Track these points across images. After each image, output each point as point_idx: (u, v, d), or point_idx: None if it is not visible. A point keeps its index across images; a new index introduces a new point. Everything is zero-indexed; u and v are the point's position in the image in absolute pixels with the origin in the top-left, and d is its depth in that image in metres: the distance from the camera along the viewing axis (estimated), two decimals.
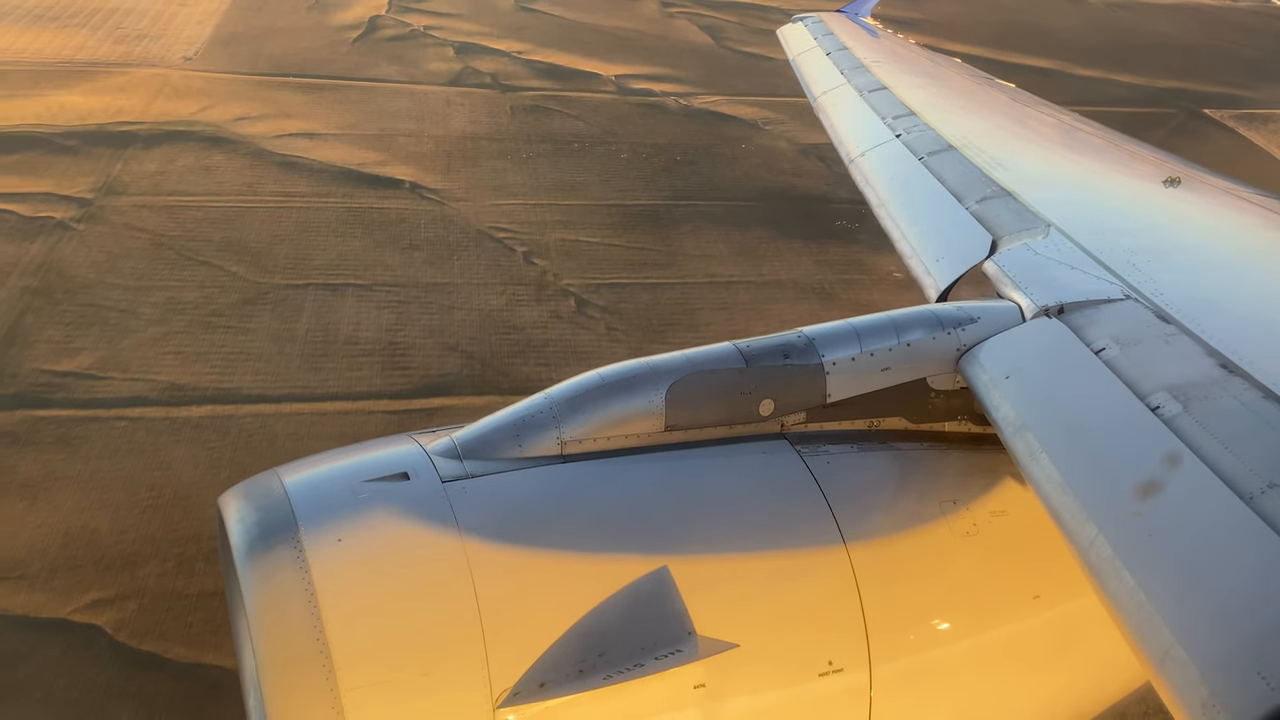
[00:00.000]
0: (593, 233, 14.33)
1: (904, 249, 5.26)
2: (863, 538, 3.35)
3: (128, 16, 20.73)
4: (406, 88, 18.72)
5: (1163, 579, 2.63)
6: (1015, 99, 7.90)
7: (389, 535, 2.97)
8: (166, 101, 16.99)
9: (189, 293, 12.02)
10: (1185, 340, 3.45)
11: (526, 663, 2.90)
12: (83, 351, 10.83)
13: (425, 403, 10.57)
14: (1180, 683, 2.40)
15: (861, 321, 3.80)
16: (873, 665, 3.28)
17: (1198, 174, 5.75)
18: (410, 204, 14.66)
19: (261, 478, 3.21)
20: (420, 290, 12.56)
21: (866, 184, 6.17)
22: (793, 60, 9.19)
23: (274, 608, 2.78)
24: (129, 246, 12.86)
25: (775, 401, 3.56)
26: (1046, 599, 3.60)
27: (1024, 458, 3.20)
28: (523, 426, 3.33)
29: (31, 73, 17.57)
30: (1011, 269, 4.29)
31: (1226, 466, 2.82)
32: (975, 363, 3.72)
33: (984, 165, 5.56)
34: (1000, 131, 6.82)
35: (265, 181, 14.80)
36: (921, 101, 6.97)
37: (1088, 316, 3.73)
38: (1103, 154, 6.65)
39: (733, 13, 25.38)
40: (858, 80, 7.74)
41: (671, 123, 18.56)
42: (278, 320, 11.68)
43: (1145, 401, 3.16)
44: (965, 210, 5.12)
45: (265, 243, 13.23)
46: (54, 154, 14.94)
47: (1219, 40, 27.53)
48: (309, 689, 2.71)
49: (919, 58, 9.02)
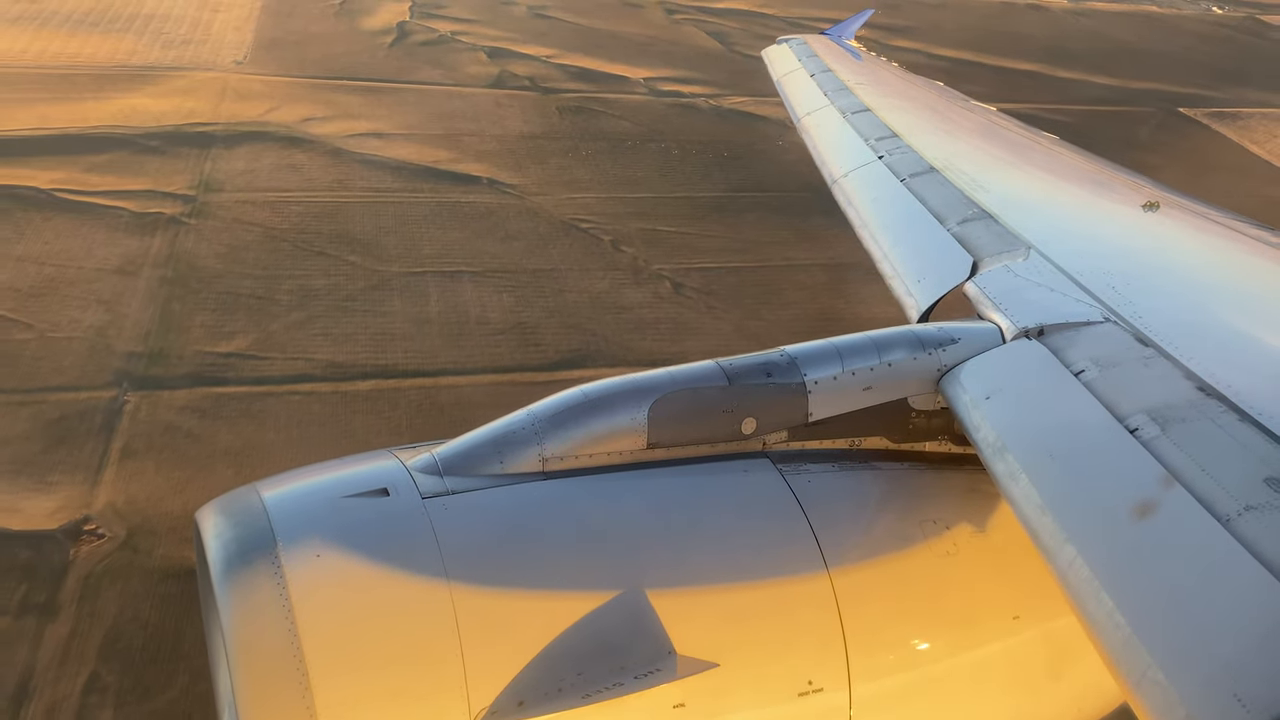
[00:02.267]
0: (667, 223, 15.40)
1: (886, 270, 5.27)
2: (843, 557, 3.34)
3: (166, 22, 21.11)
4: (455, 90, 19.54)
5: (1141, 601, 2.64)
6: (996, 122, 8.06)
7: (368, 552, 2.94)
8: (233, 103, 17.55)
9: (317, 281, 12.76)
10: (1164, 363, 3.48)
11: (505, 681, 2.88)
12: (237, 335, 11.52)
13: (566, 374, 11.50)
14: (1158, 704, 2.41)
15: (843, 341, 3.82)
16: (852, 685, 3.27)
17: (1176, 199, 5.83)
18: (493, 198, 15.54)
19: (240, 493, 3.18)
20: (529, 276, 13.48)
21: (849, 205, 6.20)
22: (777, 81, 9.28)
23: (251, 624, 2.76)
24: (244, 239, 13.52)
25: (757, 420, 3.56)
26: (1026, 619, 3.61)
27: (1004, 478, 3.20)
28: (504, 443, 3.31)
29: (94, 76, 17.95)
30: (992, 290, 4.31)
31: (1204, 489, 2.83)
32: (956, 383, 3.73)
33: (965, 187, 5.61)
34: (981, 154, 6.92)
35: (352, 178, 15.54)
36: (904, 124, 7.03)
37: (1067, 338, 3.75)
38: (1083, 177, 6.75)
39: (735, 19, 26.68)
40: (841, 102, 7.77)
41: (708, 122, 19.72)
42: (408, 304, 12.50)
43: (1124, 423, 3.18)
44: (946, 232, 5.14)
45: (372, 234, 14.00)
46: (142, 154, 15.45)
47: (1175, 45, 29.74)
48: (285, 707, 2.70)
49: (902, 80, 9.17)
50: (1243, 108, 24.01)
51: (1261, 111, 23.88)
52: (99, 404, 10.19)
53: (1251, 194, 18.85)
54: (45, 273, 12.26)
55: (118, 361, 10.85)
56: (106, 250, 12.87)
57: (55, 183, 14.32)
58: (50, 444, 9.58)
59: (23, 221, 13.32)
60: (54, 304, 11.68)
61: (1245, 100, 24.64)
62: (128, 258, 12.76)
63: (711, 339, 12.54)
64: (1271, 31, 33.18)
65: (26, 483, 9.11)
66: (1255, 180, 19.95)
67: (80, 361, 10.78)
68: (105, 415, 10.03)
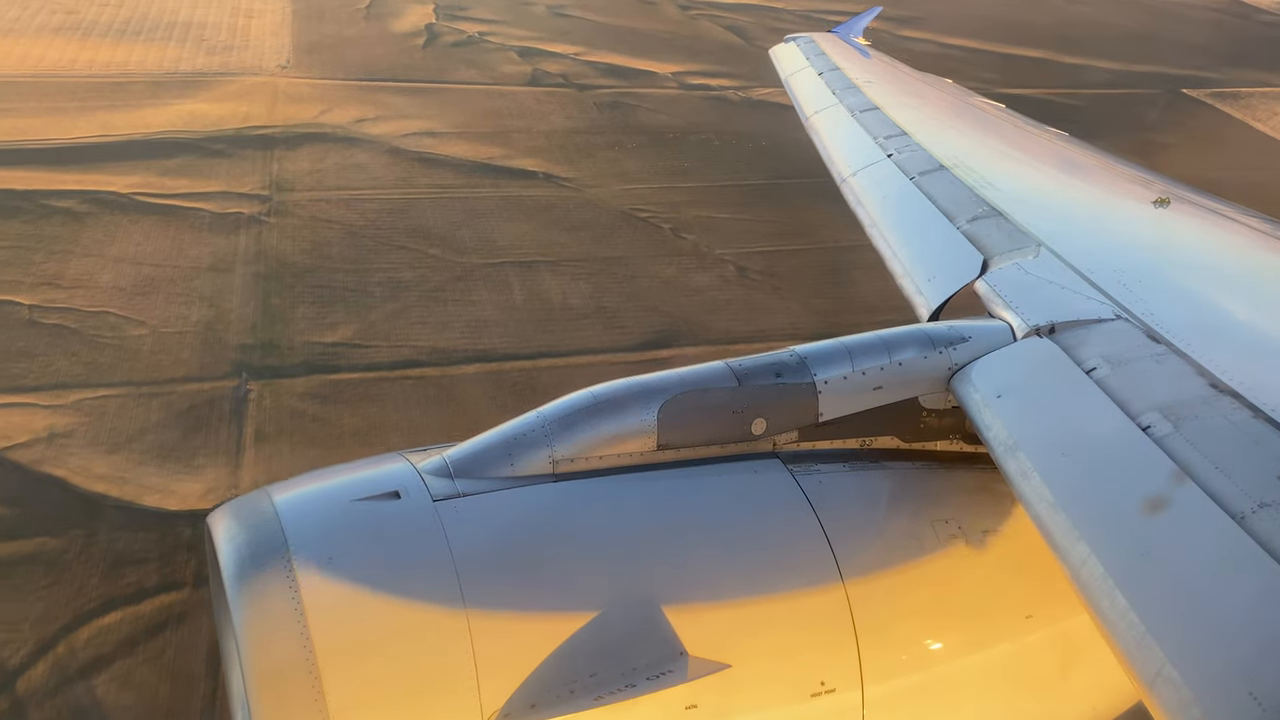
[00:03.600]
0: (721, 210, 16.04)
1: (896, 268, 5.24)
2: (855, 557, 3.33)
3: (204, 29, 21.53)
4: (494, 89, 20.09)
5: (1155, 599, 2.63)
6: (1004, 118, 8.02)
7: (380, 555, 2.96)
8: (286, 106, 18.03)
9: (404, 273, 13.31)
10: (1176, 360, 3.46)
11: (517, 683, 2.88)
12: (340, 325, 12.07)
13: (654, 354, 12.13)
14: (1172, 703, 2.41)
15: (853, 340, 3.80)
16: (865, 685, 3.25)
17: (1186, 194, 5.80)
18: (551, 191, 16.13)
19: (252, 496, 3.19)
20: (600, 264, 14.08)
21: (858, 204, 6.16)
22: (785, 80, 9.31)
23: (264, 628, 2.76)
24: (325, 235, 14.04)
25: (767, 420, 3.54)
26: (1039, 618, 3.60)
27: (1016, 477, 3.19)
28: (514, 445, 3.31)
29: (147, 83, 18.37)
30: (1003, 288, 4.28)
31: (1218, 486, 2.82)
32: (967, 382, 3.71)
33: (975, 185, 5.57)
34: (990, 151, 6.89)
35: (415, 175, 16.07)
36: (912, 121, 6.99)
37: (1079, 336, 3.73)
38: (1092, 174, 6.70)
39: (748, 14, 27.36)
40: (849, 100, 7.74)
41: (740, 113, 20.38)
42: (494, 293, 13.08)
43: (1136, 421, 3.17)
44: (956, 230, 5.11)
45: (445, 228, 14.56)
46: (209, 157, 15.92)
47: (1168, 29, 30.72)
48: (298, 710, 2.70)
49: (910, 78, 9.14)
50: (1242, 87, 24.96)
51: (1261, 91, 24.85)
52: (223, 393, 10.71)
53: (1260, 167, 19.75)
54: (144, 272, 12.74)
55: (232, 353, 11.37)
56: (197, 249, 13.35)
57: (132, 187, 14.77)
58: (187, 431, 10.10)
59: (111, 224, 13.77)
60: (160, 301, 12.17)
61: (1243, 80, 25.60)
62: (218, 256, 13.26)
63: (782, 317, 13.21)
64: (1257, 14, 34.28)
65: (175, 467, 9.63)
66: (1263, 155, 20.86)
67: (197, 355, 11.29)
68: (232, 403, 10.55)
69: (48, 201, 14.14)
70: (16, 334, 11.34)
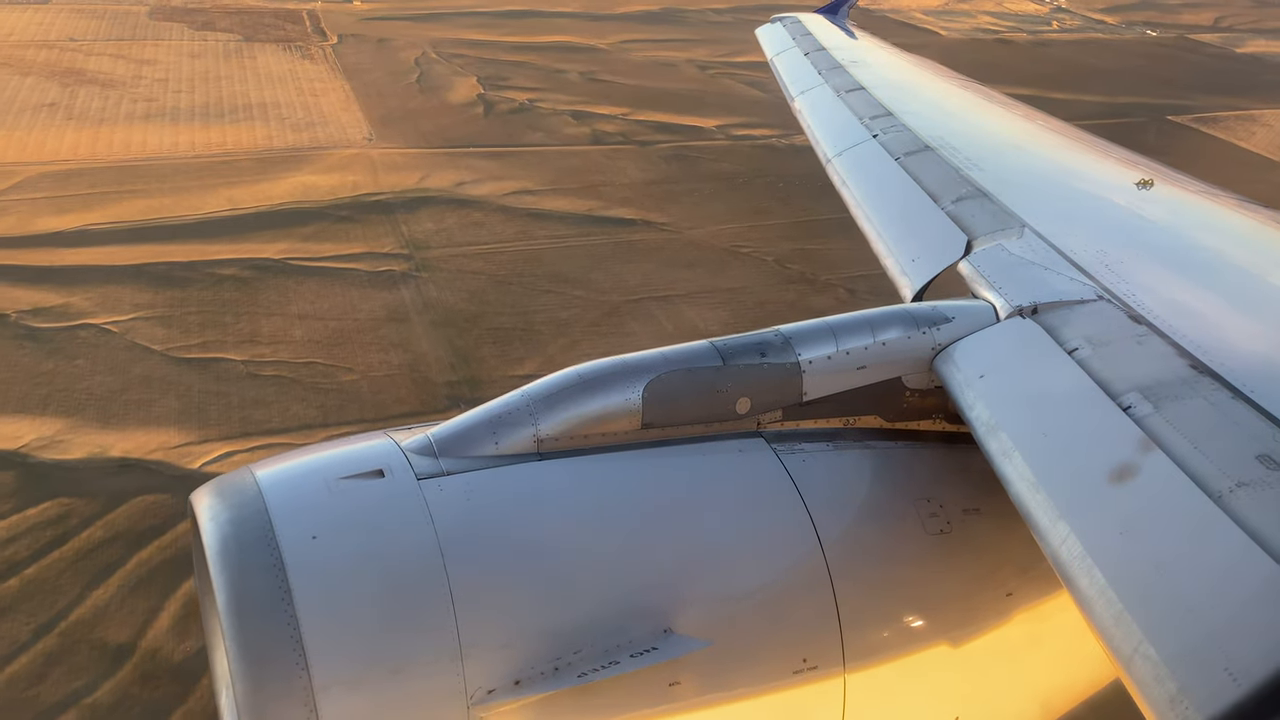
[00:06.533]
0: (810, 242, 17.71)
1: (880, 249, 5.24)
2: (838, 536, 3.35)
3: (279, 108, 22.83)
4: (565, 149, 21.68)
5: (1133, 577, 2.67)
6: (991, 100, 7.97)
7: (363, 532, 2.97)
8: (387, 174, 19.37)
9: (560, 313, 14.66)
10: (1157, 340, 3.50)
11: (501, 660, 2.91)
12: (525, 360, 13.35)
13: None
14: (1149, 678, 2.46)
15: (837, 320, 3.79)
16: (847, 663, 3.30)
17: (1170, 175, 5.85)
18: (654, 235, 17.66)
19: (235, 474, 3.17)
20: (727, 294, 15.60)
21: (843, 184, 6.13)
22: (770, 60, 9.17)
23: (247, 605, 2.78)
24: (476, 285, 15.35)
25: (752, 400, 3.56)
26: (1019, 596, 3.64)
27: (997, 456, 3.24)
28: (499, 424, 3.29)
29: (253, 161, 19.59)
30: (986, 269, 4.30)
31: (1196, 465, 2.86)
32: (950, 362, 3.74)
33: (960, 165, 5.58)
34: (976, 132, 6.92)
35: (531, 229, 17.49)
36: (898, 102, 6.97)
37: (1061, 317, 3.77)
38: (1077, 155, 6.73)
39: (760, 70, 29.43)
40: (835, 80, 7.70)
41: (790, 159, 22.22)
42: (644, 324, 14.49)
43: (1117, 401, 3.21)
44: (941, 210, 5.11)
45: (578, 272, 15.96)
46: (340, 223, 17.17)
47: (1132, 64, 33.65)
48: (282, 687, 2.72)
49: (896, 58, 9.09)
50: (1218, 112, 27.64)
51: (1235, 114, 27.56)
52: None
53: (1256, 180, 22.13)
54: (330, 326, 13.91)
55: (443, 389, 12.59)
56: (368, 304, 14.56)
57: (283, 253, 15.95)
58: None
59: (280, 287, 14.93)
60: (356, 350, 13.35)
61: (1215, 106, 28.33)
62: (390, 308, 14.48)
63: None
64: (1204, 48, 37.57)
65: None
66: (1255, 170, 23.31)
67: (413, 392, 12.49)
68: None
69: (212, 270, 15.25)
70: (242, 386, 12.43)
